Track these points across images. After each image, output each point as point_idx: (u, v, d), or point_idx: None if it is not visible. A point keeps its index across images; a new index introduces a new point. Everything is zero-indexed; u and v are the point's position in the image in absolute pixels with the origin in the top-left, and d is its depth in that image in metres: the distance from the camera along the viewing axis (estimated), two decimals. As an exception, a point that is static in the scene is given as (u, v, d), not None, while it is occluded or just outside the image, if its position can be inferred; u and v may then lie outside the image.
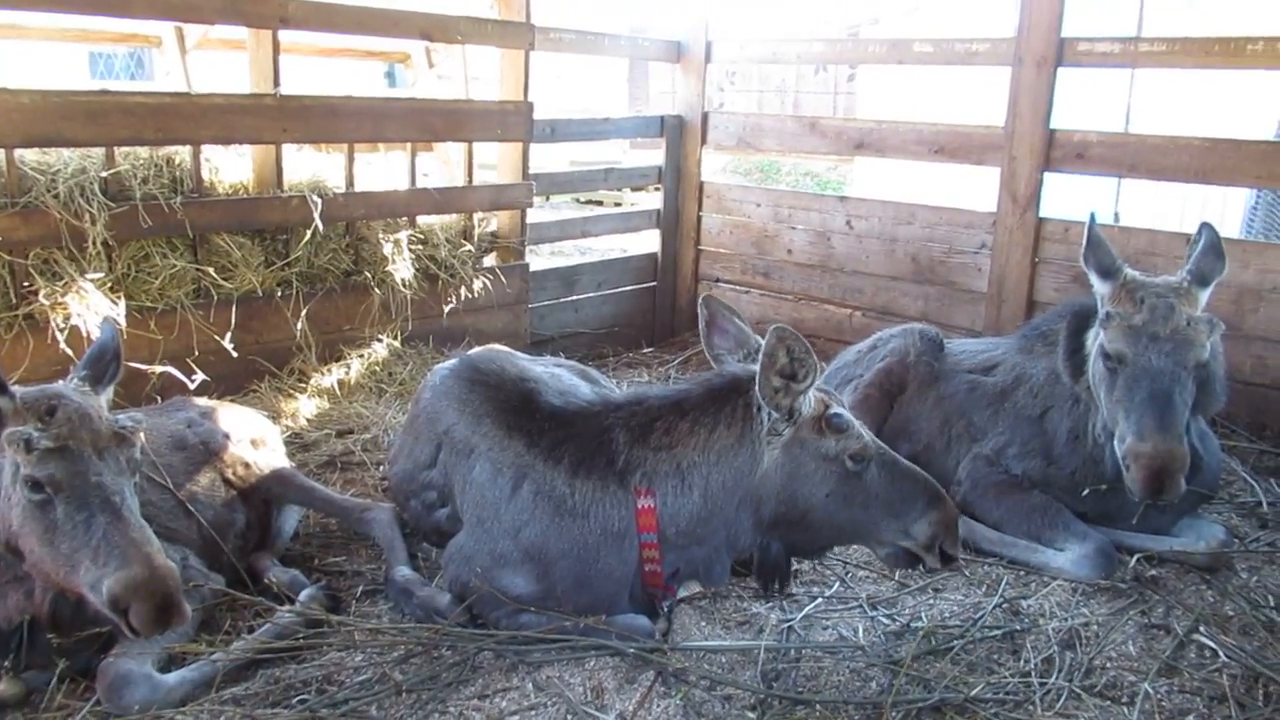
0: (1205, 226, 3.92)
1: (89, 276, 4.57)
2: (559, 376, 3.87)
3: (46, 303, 4.47)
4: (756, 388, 2.94)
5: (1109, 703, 2.92)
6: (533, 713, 2.78)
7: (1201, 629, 3.33)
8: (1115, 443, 3.66)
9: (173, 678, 2.82)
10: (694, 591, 3.39)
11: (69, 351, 4.41)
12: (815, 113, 20.08)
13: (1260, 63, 5.25)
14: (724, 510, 3.04)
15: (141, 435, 2.76)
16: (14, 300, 4.50)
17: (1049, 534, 3.88)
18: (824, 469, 2.97)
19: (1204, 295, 3.75)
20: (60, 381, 2.82)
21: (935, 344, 4.66)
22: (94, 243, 4.58)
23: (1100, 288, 3.83)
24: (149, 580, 2.46)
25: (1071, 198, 6.46)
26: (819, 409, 3.01)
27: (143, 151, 4.93)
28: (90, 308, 4.52)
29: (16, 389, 2.66)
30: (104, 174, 4.66)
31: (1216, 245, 3.83)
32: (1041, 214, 5.91)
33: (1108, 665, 3.12)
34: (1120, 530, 3.91)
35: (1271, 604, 3.52)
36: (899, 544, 3.01)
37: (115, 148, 4.75)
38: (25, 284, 4.51)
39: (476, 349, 4.29)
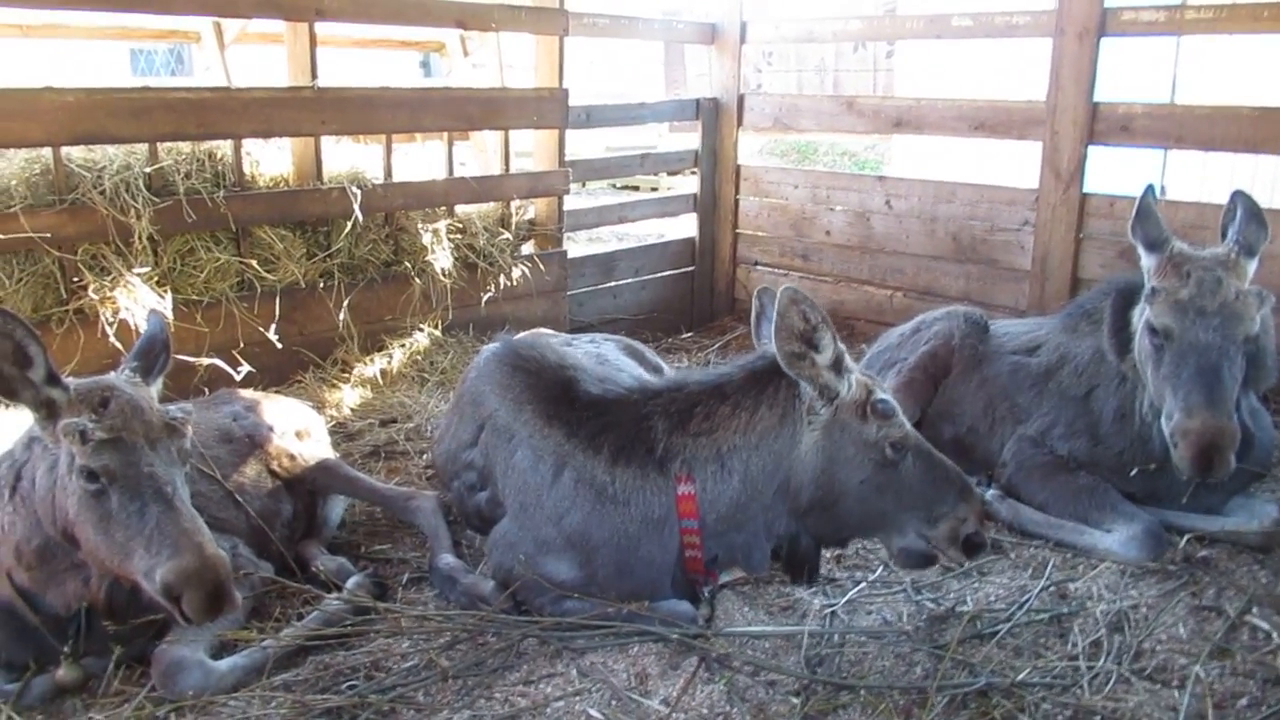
0: (1239, 194, 3.82)
1: (136, 271, 4.67)
2: (604, 357, 3.89)
3: (95, 297, 4.57)
4: (779, 357, 2.91)
5: (1159, 686, 2.88)
6: (577, 698, 2.80)
7: (1254, 610, 3.26)
8: (1163, 420, 3.59)
9: (225, 664, 2.87)
10: (735, 577, 3.38)
11: (118, 345, 4.50)
12: (855, 91, 19.84)
13: (1312, 28, 5.11)
14: (763, 495, 3.03)
15: (190, 427, 2.80)
16: (64, 295, 4.60)
17: (1096, 515, 3.82)
18: (862, 454, 2.94)
19: (1251, 266, 3.66)
20: (111, 373, 2.87)
21: (980, 326, 4.60)
22: (140, 237, 4.67)
23: (1146, 260, 3.75)
24: (200, 569, 2.50)
25: (1116, 172, 6.34)
26: (862, 393, 2.98)
27: (185, 146, 5.01)
28: (138, 301, 4.62)
29: (70, 381, 2.71)
30: (148, 170, 4.75)
31: (1257, 212, 3.74)
32: (1086, 189, 5.81)
33: (1158, 648, 3.06)
34: (1169, 510, 3.84)
35: (1327, 584, 3.45)
36: (923, 534, 2.97)
37: (158, 143, 4.83)
38: (75, 279, 4.61)
39: (521, 333, 4.31)
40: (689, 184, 8.56)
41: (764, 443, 3.03)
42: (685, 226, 8.05)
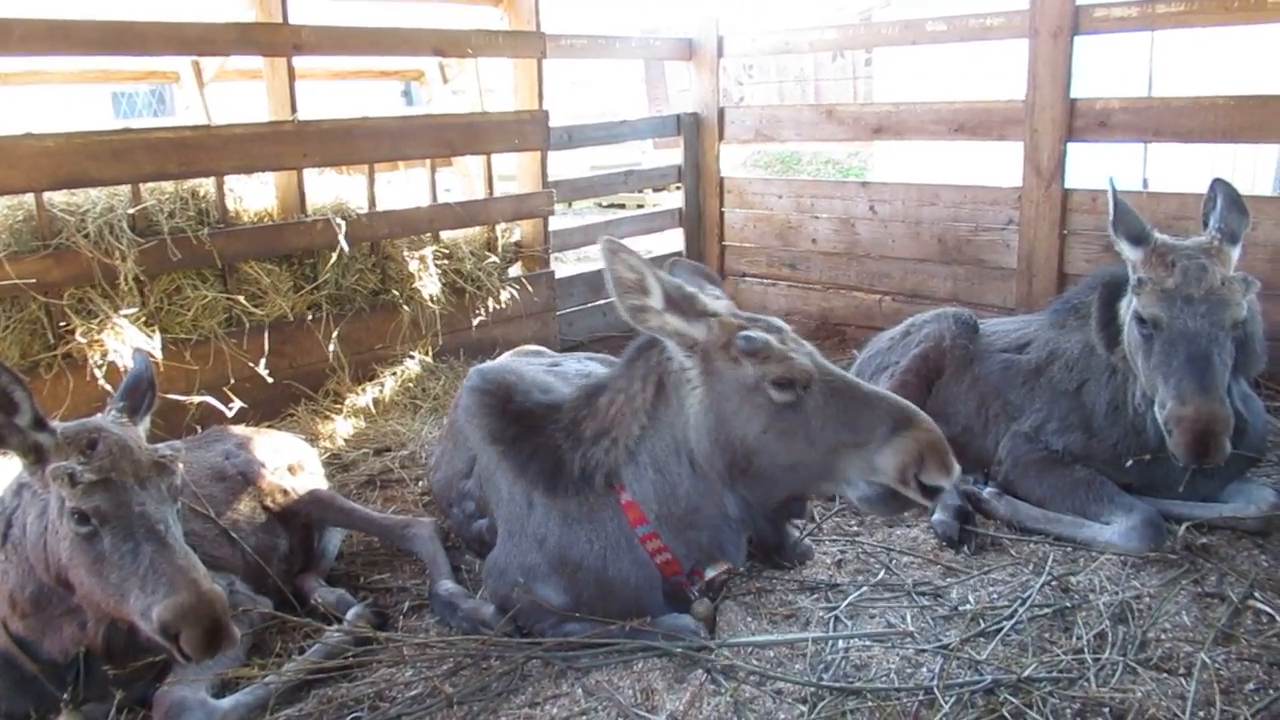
0: (1218, 182, 3.86)
1: (123, 312, 4.66)
2: (588, 374, 3.86)
3: (83, 341, 4.55)
4: (624, 315, 2.78)
5: (1165, 675, 2.87)
6: (584, 718, 2.78)
7: (1257, 594, 3.26)
8: (1156, 409, 3.60)
9: (227, 702, 2.85)
10: (721, 570, 3.23)
11: (108, 388, 4.48)
12: (835, 99, 19.94)
13: (1282, 15, 5.17)
14: (684, 478, 2.90)
15: (180, 463, 2.79)
16: (52, 341, 4.59)
17: (1094, 508, 3.83)
18: (750, 402, 2.69)
19: (1235, 253, 3.69)
20: (98, 414, 2.86)
21: (969, 327, 4.61)
22: (126, 279, 4.66)
23: (1131, 255, 3.77)
24: (197, 605, 2.49)
25: (1098, 167, 6.37)
26: (725, 334, 2.75)
27: (168, 186, 5.01)
28: (126, 343, 4.60)
29: (57, 425, 2.70)
30: (131, 211, 4.75)
31: (1236, 199, 3.78)
32: (1067, 185, 5.84)
33: (1162, 637, 3.06)
34: (1167, 499, 3.85)
35: (1328, 565, 3.45)
36: (872, 481, 2.64)
37: (141, 184, 4.83)
38: (62, 324, 4.60)
39: (505, 353, 4.30)
40: (674, 199, 8.60)
41: (656, 421, 2.90)
42: (672, 241, 8.07)
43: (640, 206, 12.82)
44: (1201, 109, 5.36)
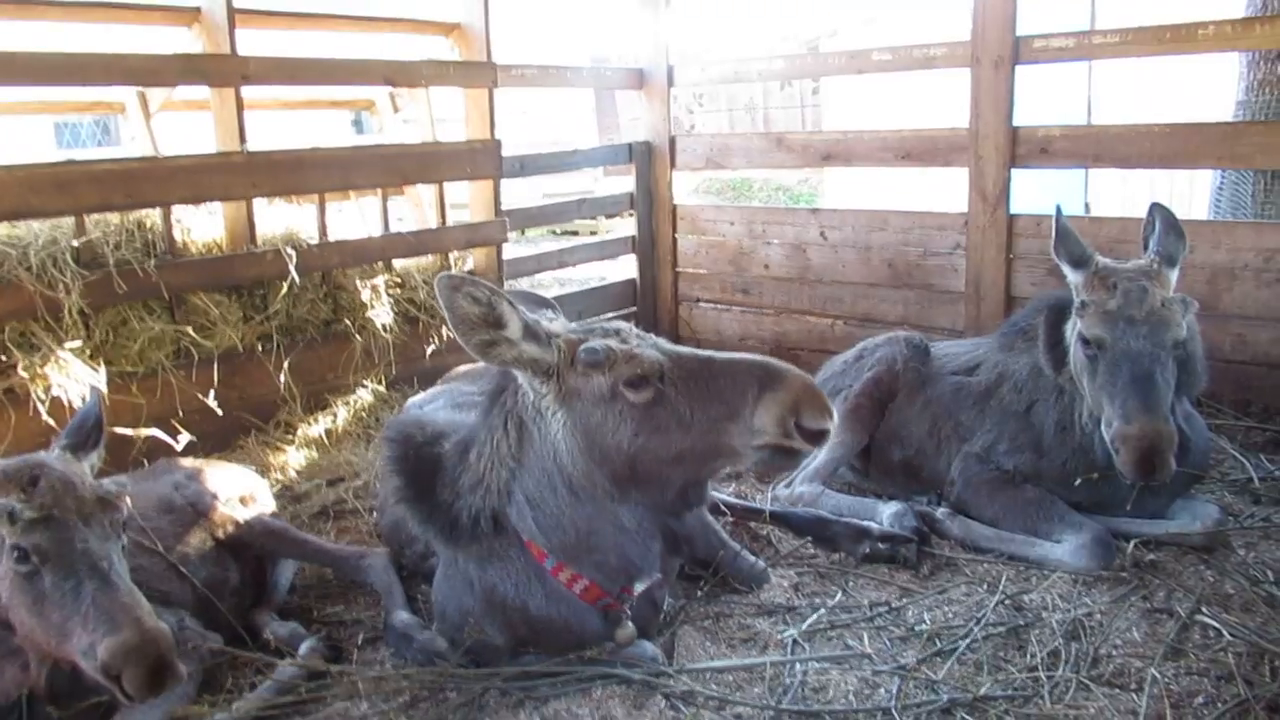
0: (1156, 207, 3.98)
1: (67, 346, 4.55)
2: None
3: (26, 375, 4.44)
4: (472, 353, 2.74)
5: (1117, 690, 2.91)
6: (542, 748, 2.76)
7: (1204, 609, 3.32)
8: (1103, 428, 3.68)
9: (175, 742, 2.79)
10: (648, 581, 3.20)
11: (52, 422, 4.38)
12: (785, 127, 20.25)
13: (1212, 46, 5.34)
14: (566, 506, 2.86)
15: (127, 499, 2.74)
16: (-8, 375, 4.48)
17: (1045, 527, 3.89)
18: (613, 411, 2.69)
19: (1174, 275, 3.80)
20: (42, 452, 2.80)
21: (921, 350, 4.68)
22: (70, 312, 4.57)
23: (1073, 277, 3.87)
24: (140, 644, 2.44)
25: (1041, 192, 6.52)
26: (570, 351, 2.75)
27: (113, 217, 4.92)
28: (71, 377, 4.50)
29: (-3, 462, 2.64)
30: (75, 243, 4.65)
31: (1174, 223, 3.90)
32: (1012, 210, 5.95)
33: (1114, 653, 3.11)
34: (1115, 517, 3.91)
35: (1271, 579, 3.53)
36: (759, 444, 2.63)
37: (85, 215, 4.74)
38: (3, 358, 4.49)
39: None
40: (627, 226, 8.63)
41: (523, 461, 2.89)
42: (625, 268, 8.09)
43: (594, 233, 12.87)
44: (1139, 136, 5.51)
